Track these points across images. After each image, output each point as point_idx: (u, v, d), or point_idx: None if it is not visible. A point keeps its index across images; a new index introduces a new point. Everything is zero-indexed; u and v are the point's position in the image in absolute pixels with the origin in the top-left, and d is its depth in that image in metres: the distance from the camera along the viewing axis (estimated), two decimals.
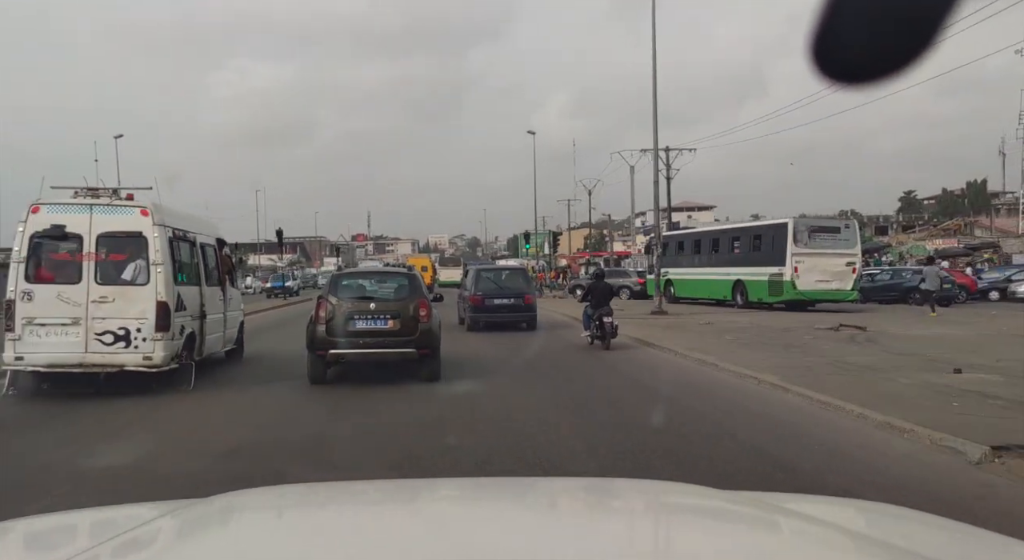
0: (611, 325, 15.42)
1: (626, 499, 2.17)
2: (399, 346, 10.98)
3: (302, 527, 1.72)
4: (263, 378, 12.15)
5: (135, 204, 10.65)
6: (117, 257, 10.43)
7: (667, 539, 1.71)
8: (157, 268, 10.32)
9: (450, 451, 7.05)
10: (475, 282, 20.91)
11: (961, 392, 9.27)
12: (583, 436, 7.81)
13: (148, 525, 1.66)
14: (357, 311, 11.05)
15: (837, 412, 8.59)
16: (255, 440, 7.88)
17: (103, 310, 10.19)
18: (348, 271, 13.84)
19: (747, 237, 29.23)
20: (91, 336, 10.14)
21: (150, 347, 10.20)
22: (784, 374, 10.82)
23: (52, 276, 10.30)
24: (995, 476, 6.08)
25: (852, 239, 27.13)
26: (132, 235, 10.40)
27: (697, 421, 8.47)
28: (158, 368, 10.29)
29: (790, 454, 6.89)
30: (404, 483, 2.90)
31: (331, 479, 6.10)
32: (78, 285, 10.20)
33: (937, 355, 12.91)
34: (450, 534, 1.56)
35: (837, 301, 26.31)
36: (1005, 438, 6.76)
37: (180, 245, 11.31)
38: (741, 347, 14.85)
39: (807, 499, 2.68)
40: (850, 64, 1.07)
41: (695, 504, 2.02)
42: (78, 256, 10.28)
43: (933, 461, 6.60)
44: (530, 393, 10.46)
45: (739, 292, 28.49)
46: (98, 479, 6.25)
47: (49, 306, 10.11)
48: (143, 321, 10.21)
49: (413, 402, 9.87)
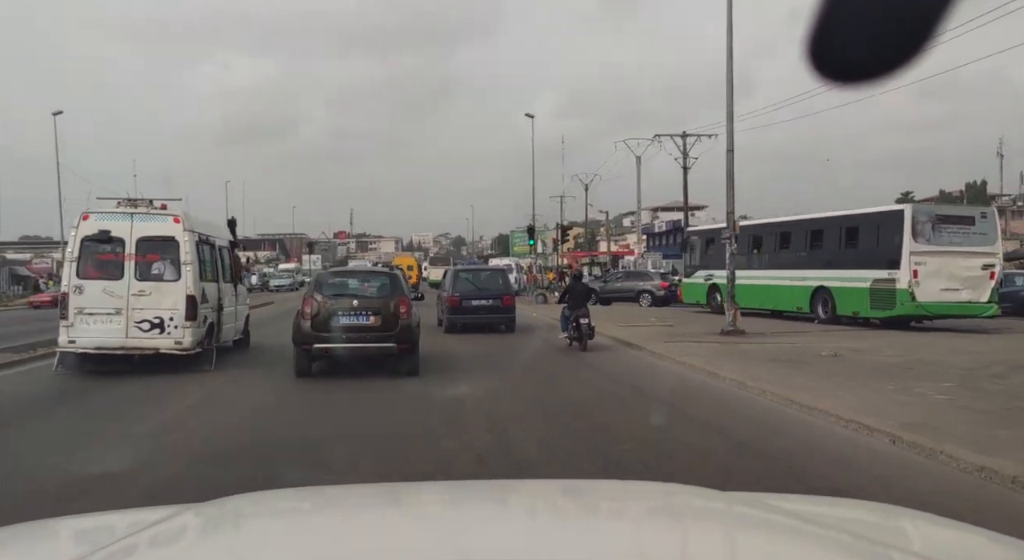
0: (588, 326, 15.55)
1: (626, 500, 2.15)
2: (380, 341, 11.67)
3: (301, 531, 1.73)
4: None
5: (168, 213, 12.72)
6: (153, 257, 12.49)
7: (667, 540, 1.70)
8: (187, 267, 12.37)
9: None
10: (453, 283, 20.64)
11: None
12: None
13: (146, 531, 1.64)
14: (341, 308, 11.77)
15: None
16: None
17: (141, 302, 12.22)
18: (333, 270, 15.15)
19: (836, 230, 22.19)
20: (131, 324, 12.17)
21: (180, 334, 12.25)
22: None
23: (99, 273, 12.33)
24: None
25: (991, 233, 20.33)
26: (166, 239, 12.46)
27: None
28: (187, 351, 12.35)
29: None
30: (403, 486, 2.92)
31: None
32: (120, 281, 12.24)
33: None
34: (450, 537, 1.58)
35: (969, 316, 20.19)
36: None
37: (203, 247, 13.36)
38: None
39: (808, 500, 2.59)
40: (846, 63, 1.08)
41: (696, 505, 2.01)
42: (120, 256, 12.33)
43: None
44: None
45: (821, 302, 22.07)
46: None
47: (96, 299, 12.14)
48: (175, 311, 12.26)
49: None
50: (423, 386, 11.11)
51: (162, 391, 10.84)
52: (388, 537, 1.65)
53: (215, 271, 14.10)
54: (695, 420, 8.94)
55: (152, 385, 11.30)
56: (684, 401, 9.99)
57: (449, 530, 1.69)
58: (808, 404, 8.99)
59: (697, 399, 10.20)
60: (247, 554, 1.55)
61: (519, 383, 11.63)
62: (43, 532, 1.89)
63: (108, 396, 10.60)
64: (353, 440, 7.74)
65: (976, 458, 6.39)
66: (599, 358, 14.78)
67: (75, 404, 10.18)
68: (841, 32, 1.05)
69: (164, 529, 1.68)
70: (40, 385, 11.72)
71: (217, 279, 14.13)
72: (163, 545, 1.63)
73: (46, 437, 8.11)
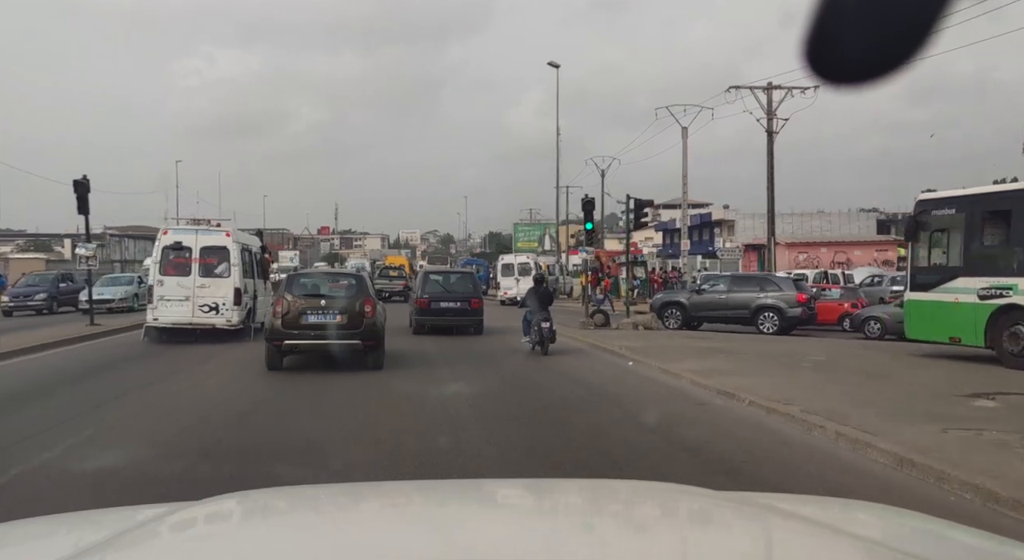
0: (549, 330, 15.47)
1: (621, 499, 2.16)
2: (346, 338, 12.48)
3: (297, 529, 1.76)
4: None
5: (222, 229, 18.26)
6: (210, 261, 17.83)
7: (662, 539, 1.70)
8: (234, 267, 17.70)
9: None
10: (423, 285, 20.86)
11: None
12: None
13: (141, 528, 1.66)
14: (309, 307, 12.65)
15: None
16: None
17: (203, 292, 17.57)
18: (303, 271, 18.41)
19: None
20: (196, 307, 17.51)
21: (230, 314, 17.59)
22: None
23: (174, 271, 17.68)
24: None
25: None
26: (220, 248, 17.85)
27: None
28: (234, 327, 17.65)
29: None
30: (401, 485, 2.91)
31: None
32: (188, 277, 17.60)
33: None
34: (450, 537, 1.58)
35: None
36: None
37: (244, 253, 18.66)
38: None
39: (801, 500, 2.55)
40: (844, 65, 1.08)
41: (690, 504, 2.02)
42: (189, 260, 17.70)
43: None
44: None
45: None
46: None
47: (172, 289, 17.49)
48: (226, 299, 17.61)
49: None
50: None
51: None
52: (380, 536, 1.63)
53: (252, 271, 19.40)
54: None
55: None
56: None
57: (444, 529, 1.67)
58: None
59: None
60: (234, 554, 1.55)
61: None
62: (37, 530, 1.88)
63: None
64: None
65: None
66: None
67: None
68: (838, 34, 1.06)
69: (156, 528, 1.67)
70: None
71: (253, 276, 19.44)
72: (154, 544, 1.62)
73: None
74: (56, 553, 1.49)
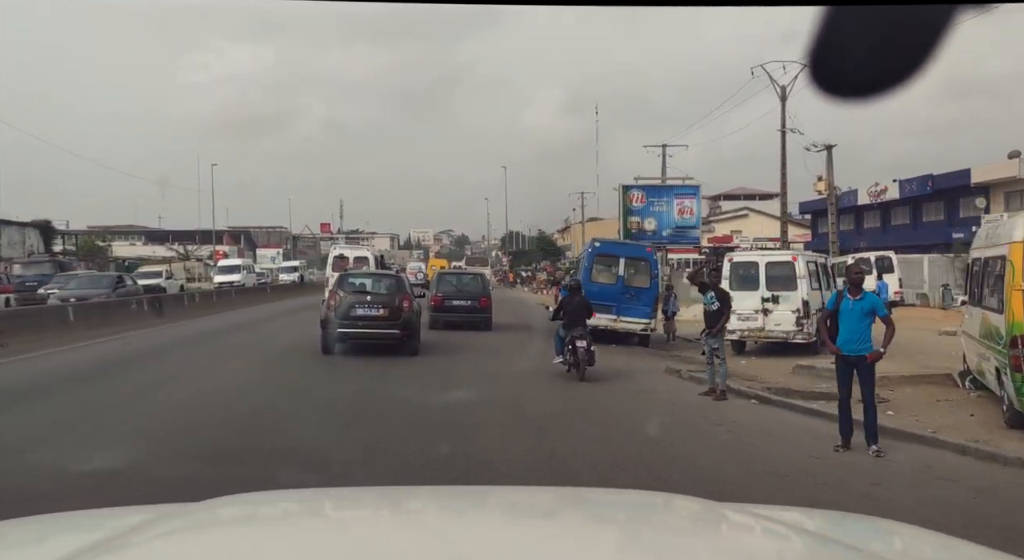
0: (586, 350, 12.73)
1: (621, 509, 2.17)
2: (387, 328, 14.59)
3: (294, 534, 1.78)
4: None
5: (368, 245, 25.63)
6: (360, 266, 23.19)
7: (659, 549, 1.70)
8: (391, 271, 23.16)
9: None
10: (437, 284, 23.67)
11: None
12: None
13: (136, 531, 1.67)
14: (357, 301, 14.84)
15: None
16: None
17: None
18: (351, 272, 17.93)
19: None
20: None
21: None
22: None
23: None
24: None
25: None
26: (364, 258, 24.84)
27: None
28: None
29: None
30: (398, 490, 2.84)
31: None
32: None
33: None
34: (445, 543, 1.59)
35: None
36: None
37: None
38: None
39: (802, 512, 2.48)
40: (849, 80, 1.10)
41: (689, 514, 2.04)
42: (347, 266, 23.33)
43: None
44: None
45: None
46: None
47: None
48: None
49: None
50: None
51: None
52: (381, 541, 1.65)
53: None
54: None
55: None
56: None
57: (444, 535, 1.68)
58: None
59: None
60: (233, 554, 1.57)
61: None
62: (37, 530, 1.89)
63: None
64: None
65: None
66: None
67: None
68: (843, 49, 1.07)
69: (152, 530, 1.68)
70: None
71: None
72: (155, 544, 1.62)
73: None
74: (56, 553, 1.50)
